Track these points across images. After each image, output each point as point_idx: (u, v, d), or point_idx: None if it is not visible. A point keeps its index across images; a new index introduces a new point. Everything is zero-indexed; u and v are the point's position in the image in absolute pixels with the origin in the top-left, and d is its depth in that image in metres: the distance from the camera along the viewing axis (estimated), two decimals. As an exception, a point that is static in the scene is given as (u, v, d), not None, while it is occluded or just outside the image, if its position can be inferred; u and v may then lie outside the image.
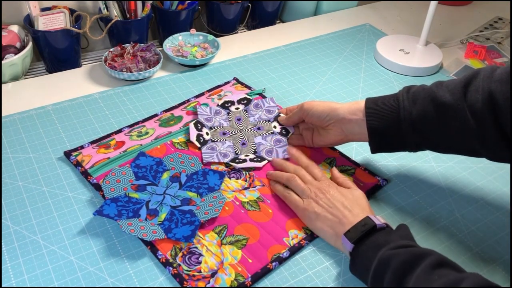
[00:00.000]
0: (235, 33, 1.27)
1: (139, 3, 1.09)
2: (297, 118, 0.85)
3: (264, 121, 0.90)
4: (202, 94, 0.98)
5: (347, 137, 0.80)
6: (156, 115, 0.92)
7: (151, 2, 1.12)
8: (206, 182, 0.77)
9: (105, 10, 1.08)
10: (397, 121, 0.72)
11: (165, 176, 0.78)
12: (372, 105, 0.75)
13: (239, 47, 1.16)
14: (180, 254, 0.67)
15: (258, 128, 0.88)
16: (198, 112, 0.90)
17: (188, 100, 0.96)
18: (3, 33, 1.00)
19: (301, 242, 0.70)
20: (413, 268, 0.55)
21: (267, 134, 0.87)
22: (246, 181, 0.79)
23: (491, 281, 0.53)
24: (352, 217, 0.67)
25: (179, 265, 0.65)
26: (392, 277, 0.56)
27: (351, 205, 0.69)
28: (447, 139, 0.70)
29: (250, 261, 0.67)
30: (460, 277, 0.53)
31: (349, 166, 0.83)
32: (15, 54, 0.98)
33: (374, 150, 0.77)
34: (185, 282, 0.63)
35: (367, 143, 0.77)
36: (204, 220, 0.70)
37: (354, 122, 0.76)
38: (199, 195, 0.75)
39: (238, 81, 1.02)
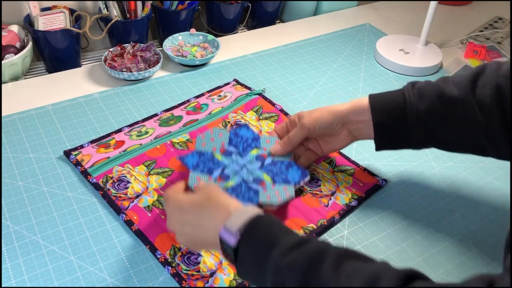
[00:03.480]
0: (235, 33, 1.27)
1: (139, 3, 1.09)
2: (301, 137, 0.76)
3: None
4: (202, 94, 0.98)
5: (355, 137, 0.77)
6: (156, 114, 0.92)
7: (151, 2, 1.12)
8: (286, 173, 0.76)
9: (105, 10, 1.08)
10: (404, 117, 0.71)
11: (254, 152, 0.78)
12: (377, 101, 0.73)
13: (239, 47, 1.16)
14: (179, 254, 0.67)
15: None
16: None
17: (188, 101, 0.96)
18: (3, 33, 1.00)
19: (301, 242, 0.70)
20: (315, 273, 0.49)
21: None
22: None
23: (400, 269, 0.48)
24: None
25: (178, 264, 0.65)
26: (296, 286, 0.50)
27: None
28: (454, 136, 0.69)
29: (249, 261, 0.66)
30: (373, 273, 0.47)
31: (348, 166, 0.83)
32: (15, 54, 0.98)
33: (378, 147, 0.75)
34: (184, 282, 0.63)
35: (366, 143, 0.76)
36: (263, 201, 0.70)
37: (360, 123, 0.74)
38: (273, 181, 0.75)
39: (238, 82, 1.02)
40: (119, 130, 0.87)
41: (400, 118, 0.71)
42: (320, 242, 0.53)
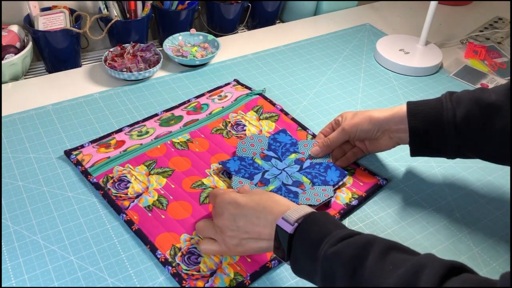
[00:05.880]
0: (235, 33, 1.27)
1: (139, 3, 1.09)
2: (341, 141, 0.80)
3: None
4: (203, 94, 0.98)
5: (398, 143, 0.79)
6: (156, 114, 0.92)
7: (151, 2, 1.12)
8: (325, 175, 0.79)
9: (105, 10, 1.08)
10: (440, 122, 0.71)
11: (292, 156, 0.82)
12: (414, 106, 0.74)
13: (239, 47, 1.16)
14: (180, 254, 0.67)
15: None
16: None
17: (188, 101, 0.96)
18: (3, 33, 1.00)
19: (301, 242, 0.70)
20: (362, 262, 0.51)
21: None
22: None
23: (445, 259, 0.49)
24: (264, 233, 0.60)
25: (178, 264, 0.65)
26: (343, 276, 0.52)
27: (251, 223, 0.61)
28: (491, 143, 0.69)
29: (249, 260, 0.67)
30: (417, 264, 0.48)
31: (349, 166, 0.83)
32: (15, 54, 0.98)
33: (413, 152, 0.76)
34: (184, 282, 0.63)
35: None
36: (302, 203, 0.71)
37: (400, 131, 0.76)
38: (312, 183, 0.78)
39: (238, 82, 1.02)
40: (120, 130, 0.87)
41: (436, 123, 0.72)
42: (369, 235, 0.54)
